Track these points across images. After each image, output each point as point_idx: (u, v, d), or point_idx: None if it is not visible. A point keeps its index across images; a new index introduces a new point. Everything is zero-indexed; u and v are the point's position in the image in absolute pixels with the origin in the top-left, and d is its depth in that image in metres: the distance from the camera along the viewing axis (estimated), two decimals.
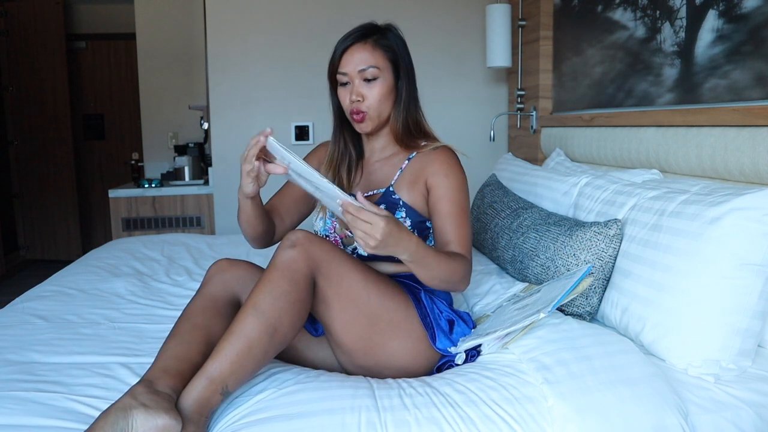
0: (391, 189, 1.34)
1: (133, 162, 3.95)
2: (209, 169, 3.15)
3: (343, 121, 1.40)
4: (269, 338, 1.05)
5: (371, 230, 1.01)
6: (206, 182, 3.24)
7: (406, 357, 1.21)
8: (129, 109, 4.96)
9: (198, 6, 3.66)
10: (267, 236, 1.36)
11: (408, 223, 1.32)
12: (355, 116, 1.32)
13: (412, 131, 1.36)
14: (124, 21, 4.50)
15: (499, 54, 2.72)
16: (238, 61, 3.01)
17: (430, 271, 1.15)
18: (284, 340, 1.09)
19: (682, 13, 1.74)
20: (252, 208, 1.26)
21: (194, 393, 1.00)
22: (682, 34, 1.74)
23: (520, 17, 2.78)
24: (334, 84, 1.35)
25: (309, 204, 1.46)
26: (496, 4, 2.73)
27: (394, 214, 1.31)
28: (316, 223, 1.42)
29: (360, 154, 1.44)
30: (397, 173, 1.36)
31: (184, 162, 3.36)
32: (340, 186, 1.37)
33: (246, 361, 1.03)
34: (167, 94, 3.89)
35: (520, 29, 2.80)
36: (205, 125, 3.50)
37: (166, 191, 3.16)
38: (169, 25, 3.84)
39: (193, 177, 3.37)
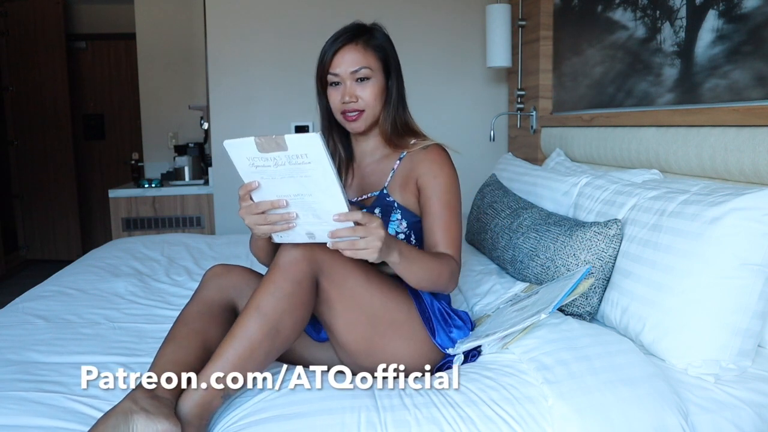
0: (385, 191, 1.34)
1: (133, 162, 3.95)
2: (209, 169, 3.15)
3: (332, 123, 1.38)
4: (271, 340, 1.05)
5: (372, 240, 1.02)
6: (206, 182, 3.24)
7: (408, 358, 1.21)
8: (129, 109, 4.96)
9: (198, 6, 3.66)
10: None
11: (404, 224, 1.31)
12: (348, 115, 1.30)
13: (400, 131, 1.35)
14: (124, 21, 4.50)
15: (499, 54, 2.72)
16: (238, 61, 3.01)
17: (416, 273, 1.16)
18: (286, 342, 1.08)
19: (682, 13, 1.73)
20: (266, 242, 1.24)
21: (195, 396, 1.00)
22: (682, 34, 1.74)
23: (520, 17, 2.78)
24: (323, 85, 1.33)
25: None
26: (496, 4, 2.73)
27: (389, 216, 1.31)
28: None
29: (350, 156, 1.43)
30: (390, 175, 1.35)
31: (184, 162, 3.36)
32: None
33: (247, 363, 1.03)
34: (167, 94, 3.89)
35: (520, 29, 2.80)
36: (205, 125, 3.50)
37: (166, 191, 3.16)
38: (169, 25, 3.84)
39: (193, 177, 3.37)
